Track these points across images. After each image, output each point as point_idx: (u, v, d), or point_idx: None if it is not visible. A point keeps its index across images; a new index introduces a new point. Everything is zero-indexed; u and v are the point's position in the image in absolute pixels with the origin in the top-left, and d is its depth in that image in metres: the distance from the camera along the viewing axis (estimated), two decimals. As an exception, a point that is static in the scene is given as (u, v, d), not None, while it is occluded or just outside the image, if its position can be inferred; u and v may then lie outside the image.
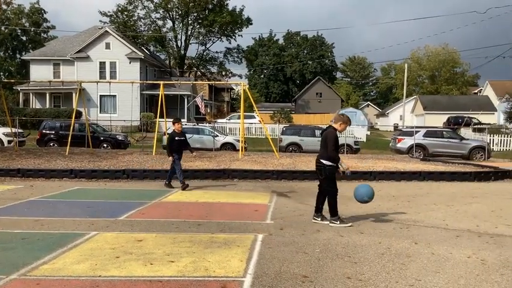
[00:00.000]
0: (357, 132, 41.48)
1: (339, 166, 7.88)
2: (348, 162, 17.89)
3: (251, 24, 64.56)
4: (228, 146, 25.59)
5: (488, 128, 35.18)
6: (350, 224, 7.70)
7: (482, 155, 25.06)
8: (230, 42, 65.14)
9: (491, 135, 33.88)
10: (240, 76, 67.74)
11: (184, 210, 8.80)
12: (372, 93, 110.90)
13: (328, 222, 7.75)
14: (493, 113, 53.48)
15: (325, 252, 5.96)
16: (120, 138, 26.40)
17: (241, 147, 20.67)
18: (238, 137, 24.89)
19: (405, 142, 25.63)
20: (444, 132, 27.13)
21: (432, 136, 25.71)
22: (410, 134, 26.30)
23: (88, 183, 12.93)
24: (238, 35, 64.28)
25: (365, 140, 39.10)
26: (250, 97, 21.86)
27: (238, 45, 68.29)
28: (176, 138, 12.05)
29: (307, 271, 5.13)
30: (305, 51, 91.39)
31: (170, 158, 11.87)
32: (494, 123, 45.12)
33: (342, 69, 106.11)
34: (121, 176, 13.79)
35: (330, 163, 7.75)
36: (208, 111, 56.29)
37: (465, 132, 36.11)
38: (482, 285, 4.83)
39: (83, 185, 12.53)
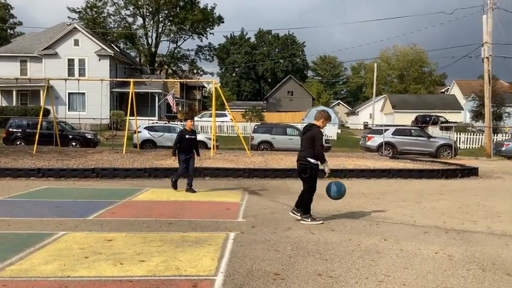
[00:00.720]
0: (327, 130, 41.80)
1: (324, 167, 7.79)
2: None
3: (223, 22, 64.42)
4: (200, 144, 25.34)
5: (454, 126, 36.03)
6: (320, 222, 7.75)
7: (449, 152, 25.64)
8: (201, 40, 64.82)
9: (458, 133, 34.69)
10: (212, 74, 67.46)
11: (155, 209, 8.72)
12: (342, 92, 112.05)
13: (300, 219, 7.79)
14: (460, 112, 54.76)
15: (296, 249, 6.00)
16: (89, 137, 25.98)
17: (213, 145, 20.60)
18: (210, 135, 24.80)
19: (375, 140, 26.01)
20: (412, 131, 27.64)
21: (401, 134, 26.16)
22: (379, 132, 26.70)
23: (56, 183, 12.68)
24: (210, 33, 64.05)
25: (335, 138, 39.55)
26: (222, 95, 21.80)
27: (209, 43, 67.77)
28: (187, 136, 11.04)
29: (278, 269, 5.16)
30: (277, 50, 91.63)
31: (174, 157, 10.91)
32: (461, 122, 46.21)
33: (313, 68, 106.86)
34: (90, 175, 13.56)
35: (316, 161, 7.72)
36: (180, 109, 55.89)
37: (433, 130, 36.88)
38: (449, 280, 4.94)
39: (51, 185, 12.27)
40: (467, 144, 34.21)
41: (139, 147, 22.48)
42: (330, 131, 41.72)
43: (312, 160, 7.72)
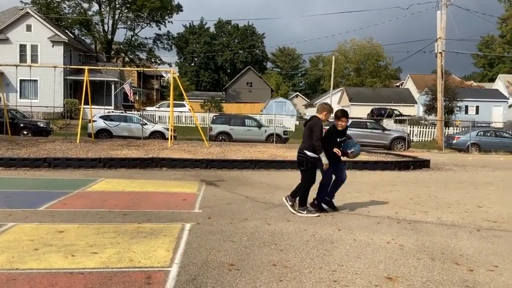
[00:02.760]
0: (286, 122, 42.20)
1: (321, 157, 7.49)
2: (277, 152, 18.24)
3: (181, 10, 63.65)
4: (157, 135, 25.14)
5: (408, 119, 37.02)
6: (317, 215, 7.64)
7: (402, 145, 26.36)
8: (160, 29, 63.94)
9: (411, 126, 35.68)
10: (170, 64, 66.44)
11: (110, 200, 8.54)
12: (301, 84, 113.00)
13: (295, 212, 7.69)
14: (413, 105, 56.24)
15: (252, 240, 6.02)
16: (42, 125, 25.18)
17: (171, 135, 20.38)
18: (168, 126, 24.52)
19: (332, 132, 26.37)
20: (368, 123, 28.24)
21: (356, 127, 26.64)
22: (336, 124, 27.09)
23: (6, 172, 12.22)
24: (169, 22, 63.22)
25: (293, 130, 39.83)
26: (180, 85, 21.54)
27: (168, 31, 66.96)
28: (338, 139, 8.13)
29: (234, 259, 5.16)
30: (236, 41, 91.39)
31: (326, 164, 7.55)
32: (414, 115, 47.51)
33: (272, 59, 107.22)
34: (41, 165, 13.14)
35: (313, 155, 7.56)
36: (137, 98, 54.96)
37: (387, 123, 37.73)
38: (400, 269, 5.07)
39: (0, 174, 11.82)
40: (420, 137, 35.24)
41: (94, 137, 21.99)
42: (289, 123, 42.06)
43: (308, 153, 7.60)
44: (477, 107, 51.26)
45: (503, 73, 70.01)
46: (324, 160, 7.52)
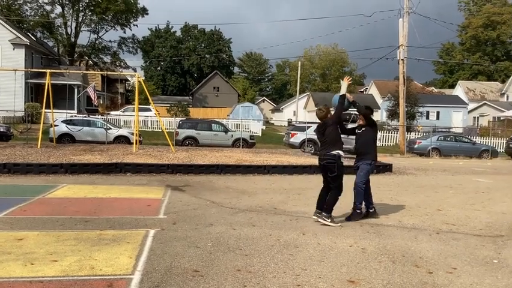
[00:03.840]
0: (252, 126, 42.28)
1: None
2: (243, 157, 18.25)
3: (147, 14, 63.00)
4: (122, 139, 24.76)
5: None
6: (339, 225, 7.41)
7: (366, 149, 26.73)
8: (125, 32, 62.99)
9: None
10: (135, 69, 65.61)
11: (71, 207, 8.36)
12: (268, 89, 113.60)
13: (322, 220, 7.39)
14: (377, 111, 57.26)
15: (217, 245, 6.00)
16: (1, 130, 24.42)
17: (136, 140, 20.13)
18: (133, 130, 24.19)
19: (298, 137, 26.65)
20: (333, 128, 28.52)
21: (322, 132, 26.92)
22: (302, 129, 27.37)
23: (-38, 179, 11.81)
24: (134, 25, 62.48)
25: (260, 135, 39.96)
26: (145, 89, 21.33)
27: (133, 35, 65.85)
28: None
29: (198, 265, 5.13)
30: (203, 45, 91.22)
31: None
32: (378, 120, 48.37)
33: (239, 64, 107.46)
34: (1, 171, 12.73)
35: (342, 154, 7.35)
36: (101, 102, 54.02)
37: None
38: (361, 272, 5.16)
39: (-45, 181, 11.42)
40: (383, 141, 35.90)
41: (56, 142, 21.50)
42: (255, 128, 42.16)
43: (340, 152, 7.31)
44: (438, 113, 52.64)
45: (463, 79, 72.24)
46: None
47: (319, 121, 7.95)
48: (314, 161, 17.80)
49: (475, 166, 21.73)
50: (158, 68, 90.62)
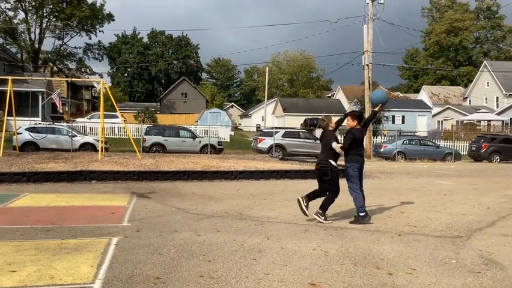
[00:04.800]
0: (221, 132, 42.24)
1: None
2: (210, 163, 18.21)
3: (113, 20, 62.05)
4: (88, 147, 24.36)
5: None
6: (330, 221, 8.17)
7: (334, 154, 27.06)
8: (90, 38, 61.89)
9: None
10: (101, 75, 64.52)
11: (32, 216, 8.18)
12: (236, 95, 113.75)
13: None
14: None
15: (180, 252, 5.98)
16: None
17: (101, 147, 19.84)
18: (99, 137, 23.83)
19: (266, 142, 26.76)
20: (301, 133, 28.83)
21: (290, 137, 27.19)
22: (270, 134, 27.50)
23: None
24: (99, 31, 61.41)
25: (228, 140, 39.95)
26: (111, 96, 21.06)
27: (99, 41, 64.67)
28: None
29: (160, 272, 5.11)
30: (170, 51, 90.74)
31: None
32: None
33: (207, 70, 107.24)
34: (-41, 181, 12.37)
35: (335, 164, 8.10)
36: (66, 109, 53.02)
37: (319, 133, 38.61)
38: (323, 275, 5.23)
39: None
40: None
41: (19, 150, 20.99)
42: (224, 133, 42.12)
43: (332, 162, 8.06)
44: (403, 117, 53.73)
45: (427, 84, 73.96)
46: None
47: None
48: (281, 166, 17.92)
49: (438, 169, 22.27)
50: (125, 74, 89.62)
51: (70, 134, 24.44)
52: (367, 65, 29.68)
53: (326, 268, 5.48)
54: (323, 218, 8.10)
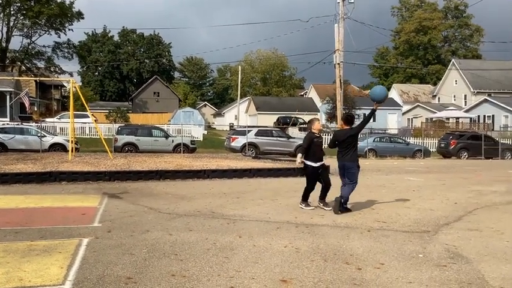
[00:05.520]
0: (194, 131, 42.05)
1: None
2: (183, 162, 18.15)
3: (83, 18, 61.14)
4: (58, 147, 23.93)
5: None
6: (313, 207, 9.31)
7: (306, 152, 27.27)
8: (59, 37, 60.83)
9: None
10: (71, 74, 63.47)
11: (1, 218, 8.02)
12: (209, 94, 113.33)
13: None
14: (316, 114, 58.49)
15: (152, 252, 5.97)
16: None
17: (71, 148, 19.53)
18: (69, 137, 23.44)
19: (239, 141, 26.78)
20: (273, 132, 28.95)
21: (263, 135, 27.27)
22: (243, 133, 27.53)
23: None
24: (69, 29, 60.42)
25: (201, 139, 39.82)
26: (81, 95, 20.75)
27: (68, 39, 63.51)
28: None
29: (132, 272, 5.10)
30: (142, 50, 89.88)
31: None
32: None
33: (180, 69, 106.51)
34: None
35: (310, 163, 9.25)
36: (36, 109, 51.95)
37: (292, 131, 38.97)
38: (294, 271, 5.31)
39: None
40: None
41: (-14, 151, 20.50)
42: (197, 132, 41.95)
43: (307, 162, 9.27)
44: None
45: (397, 83, 75.17)
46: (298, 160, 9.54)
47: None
48: (254, 164, 17.99)
49: (408, 166, 22.70)
50: (96, 74, 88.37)
51: (39, 135, 23.97)
52: (338, 63, 30.02)
53: (296, 264, 5.56)
54: (303, 205, 9.46)
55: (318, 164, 9.29)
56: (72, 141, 19.92)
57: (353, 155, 9.02)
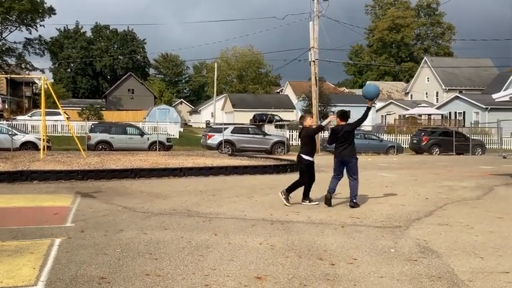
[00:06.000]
0: (170, 129, 41.81)
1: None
2: (159, 160, 18.06)
3: (54, 14, 60.12)
4: (29, 146, 23.59)
5: (287, 124, 38.67)
6: (317, 203, 9.50)
7: (282, 149, 27.48)
8: (31, 33, 59.68)
9: (291, 131, 37.30)
10: (43, 71, 62.28)
11: (-30, 219, 7.87)
12: (185, 91, 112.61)
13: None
14: (292, 111, 58.87)
15: (126, 251, 5.94)
16: None
17: (43, 146, 19.22)
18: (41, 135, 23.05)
19: (215, 138, 26.76)
20: (250, 129, 29.03)
21: (239, 132, 27.31)
22: (219, 130, 27.52)
23: None
24: (40, 25, 59.36)
25: (178, 137, 39.65)
26: (53, 92, 20.41)
27: (40, 36, 62.28)
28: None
29: (105, 272, 5.07)
30: (116, 46, 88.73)
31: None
32: (293, 120, 49.69)
33: (155, 65, 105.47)
34: None
35: (308, 158, 9.43)
36: (6, 107, 50.83)
37: (268, 128, 39.09)
38: (269, 268, 5.35)
39: None
40: (298, 140, 36.91)
41: (-46, 150, 20.02)
42: (173, 130, 41.72)
43: (304, 156, 9.44)
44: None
45: (371, 80, 76.13)
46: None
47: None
48: (230, 162, 18.02)
49: (381, 162, 23.02)
50: (68, 70, 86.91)
51: (10, 133, 23.52)
52: (313, 61, 30.22)
53: (271, 261, 5.60)
54: (307, 201, 9.66)
55: (313, 158, 9.63)
56: (44, 139, 19.62)
57: (351, 150, 9.36)
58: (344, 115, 9.73)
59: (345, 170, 9.52)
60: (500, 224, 8.00)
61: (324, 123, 10.74)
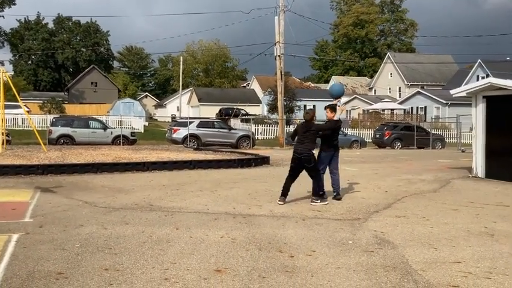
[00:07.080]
0: (134, 123, 41.33)
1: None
2: (122, 154, 17.85)
3: (14, 4, 58.41)
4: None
5: (253, 118, 38.78)
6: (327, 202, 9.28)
7: (248, 143, 27.57)
8: (-11, 23, 57.74)
9: (256, 125, 37.43)
10: (2, 63, 60.41)
11: None
12: (150, 84, 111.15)
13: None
14: (259, 105, 59.04)
15: (85, 246, 5.89)
16: None
17: (2, 140, 18.68)
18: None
19: (180, 132, 26.60)
20: (215, 123, 28.98)
21: (205, 126, 27.23)
22: (184, 124, 27.36)
23: None
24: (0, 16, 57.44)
25: (142, 131, 39.23)
26: (12, 85, 19.85)
27: (-1, 26, 60.54)
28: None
29: (63, 268, 5.02)
30: (78, 38, 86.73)
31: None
32: (259, 114, 49.90)
33: (119, 58, 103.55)
34: None
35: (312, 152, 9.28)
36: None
37: (234, 122, 39.10)
38: (229, 261, 5.41)
39: None
40: (264, 135, 37.15)
41: None
42: (137, 124, 41.26)
43: (313, 151, 9.29)
44: (314, 106, 55.52)
45: (336, 75, 77.07)
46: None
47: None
48: (195, 156, 17.97)
49: (345, 156, 23.32)
50: (29, 62, 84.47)
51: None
52: (279, 55, 30.35)
53: (232, 254, 5.67)
54: (319, 201, 9.19)
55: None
56: (3, 133, 19.06)
57: (329, 144, 9.98)
58: (334, 107, 10.03)
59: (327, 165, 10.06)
60: (455, 216, 8.29)
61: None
